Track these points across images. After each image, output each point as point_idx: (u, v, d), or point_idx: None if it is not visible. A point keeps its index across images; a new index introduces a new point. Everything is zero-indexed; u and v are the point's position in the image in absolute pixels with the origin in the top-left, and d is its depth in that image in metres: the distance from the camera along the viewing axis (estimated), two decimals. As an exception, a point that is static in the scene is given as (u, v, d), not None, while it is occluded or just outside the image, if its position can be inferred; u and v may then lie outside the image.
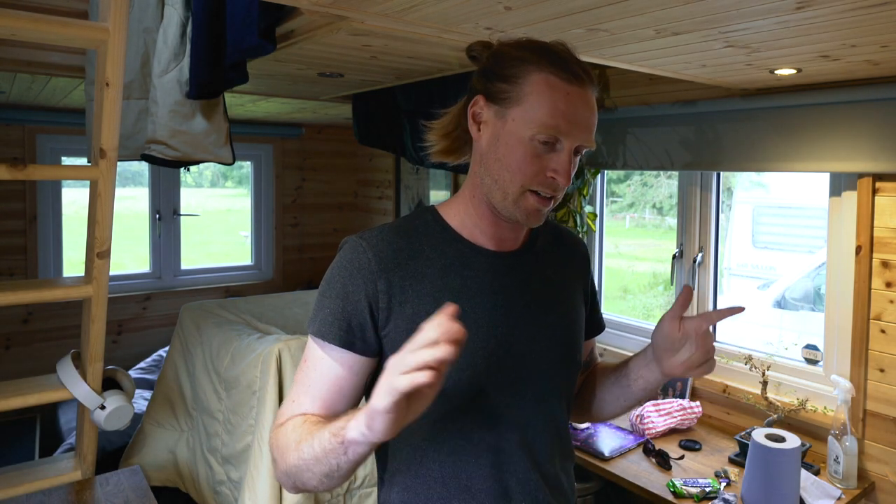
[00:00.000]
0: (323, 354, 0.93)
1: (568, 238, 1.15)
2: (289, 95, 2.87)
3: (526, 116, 0.90)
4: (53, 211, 3.51)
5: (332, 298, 0.93)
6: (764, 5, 1.10)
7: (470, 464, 0.94)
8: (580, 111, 0.90)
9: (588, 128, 0.92)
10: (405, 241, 0.97)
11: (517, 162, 0.91)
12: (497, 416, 0.95)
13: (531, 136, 0.89)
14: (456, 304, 0.71)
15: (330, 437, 0.80)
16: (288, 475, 0.88)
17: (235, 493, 2.28)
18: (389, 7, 1.22)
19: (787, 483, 1.71)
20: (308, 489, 0.89)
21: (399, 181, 4.18)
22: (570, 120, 0.89)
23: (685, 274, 2.55)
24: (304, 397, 0.93)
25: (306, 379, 0.94)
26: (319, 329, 0.93)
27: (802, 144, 2.03)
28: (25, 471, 1.81)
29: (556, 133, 0.89)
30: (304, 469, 0.85)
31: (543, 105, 0.89)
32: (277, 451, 0.91)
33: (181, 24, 1.94)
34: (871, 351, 1.96)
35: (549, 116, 0.88)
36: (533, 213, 0.93)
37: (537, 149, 0.90)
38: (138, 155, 2.14)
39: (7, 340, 3.39)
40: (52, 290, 1.66)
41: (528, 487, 0.96)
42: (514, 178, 0.91)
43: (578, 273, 1.12)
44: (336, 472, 0.82)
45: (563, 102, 0.89)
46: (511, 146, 0.91)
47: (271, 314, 2.95)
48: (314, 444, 0.82)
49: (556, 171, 0.91)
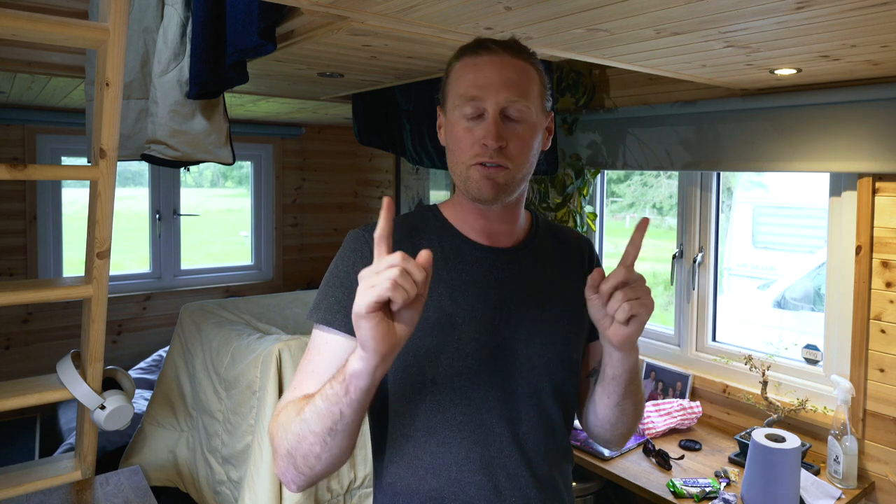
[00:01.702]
0: (328, 339, 0.94)
1: (569, 237, 1.14)
2: (289, 95, 2.87)
3: (451, 102, 0.98)
4: (53, 211, 3.51)
5: (337, 287, 0.95)
6: (764, 5, 1.10)
7: (460, 456, 0.94)
8: (490, 73, 0.94)
9: (505, 84, 0.94)
10: (406, 234, 1.00)
11: (455, 142, 0.97)
12: (488, 410, 0.96)
13: (458, 114, 0.96)
14: (450, 296, 0.72)
15: (331, 385, 0.82)
16: (290, 454, 0.86)
17: (235, 493, 2.28)
18: (389, 7, 1.22)
19: (787, 483, 1.71)
20: (310, 468, 0.87)
21: (399, 181, 4.18)
22: (479, 84, 0.94)
23: (685, 274, 2.55)
24: (307, 382, 0.92)
25: (310, 365, 0.94)
26: (324, 317, 0.94)
27: (802, 144, 2.03)
28: (25, 471, 1.81)
29: (470, 101, 0.94)
30: (306, 435, 0.84)
31: (459, 84, 0.96)
32: (278, 432, 0.89)
33: (181, 24, 1.94)
34: (871, 351, 1.96)
35: (464, 89, 0.95)
36: (482, 183, 0.95)
37: (466, 124, 0.95)
38: (138, 155, 2.14)
39: (7, 340, 3.39)
40: (52, 290, 1.66)
41: (518, 484, 0.96)
42: (458, 158, 0.97)
43: (580, 272, 1.10)
44: (339, 422, 0.82)
45: (472, 72, 0.95)
46: (450, 132, 0.99)
47: (271, 314, 2.95)
48: (317, 402, 0.83)
49: (484, 137, 0.93)
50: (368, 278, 0.75)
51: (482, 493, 0.94)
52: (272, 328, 2.66)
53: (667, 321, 2.71)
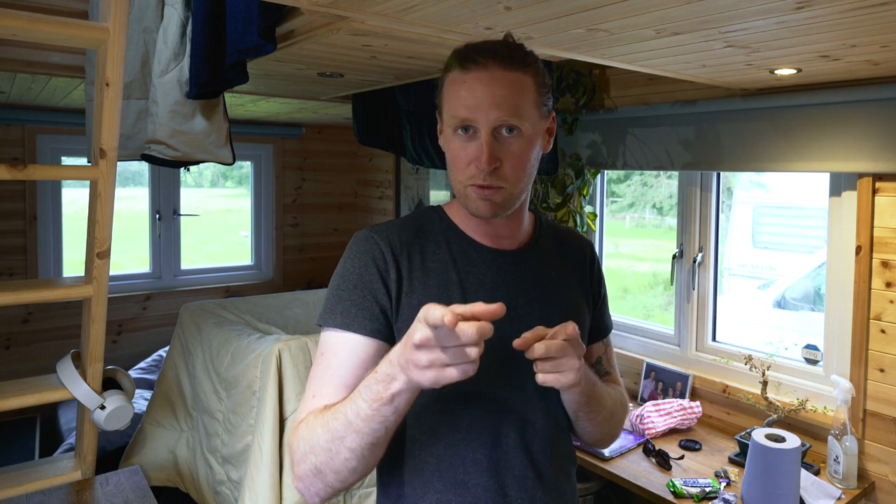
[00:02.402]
0: (345, 340, 0.92)
1: (571, 238, 1.15)
2: (289, 95, 2.87)
3: (446, 117, 0.96)
4: (53, 211, 3.51)
5: (351, 290, 0.94)
6: (764, 5, 1.10)
7: (467, 459, 0.94)
8: (480, 92, 0.91)
9: (495, 104, 0.90)
10: (413, 235, 1.00)
11: (451, 159, 0.97)
12: (495, 412, 0.96)
13: (451, 133, 0.95)
14: (461, 298, 0.71)
15: (371, 402, 0.78)
16: (318, 470, 0.83)
17: (235, 493, 2.28)
18: (389, 7, 1.22)
19: (787, 483, 1.71)
20: (342, 482, 0.84)
21: (399, 181, 4.18)
22: (469, 105, 0.91)
23: (685, 274, 2.55)
24: (325, 388, 0.90)
25: (326, 370, 0.91)
26: (342, 321, 0.92)
27: (802, 144, 2.03)
28: (25, 471, 1.81)
29: (462, 122, 0.92)
30: (340, 450, 0.81)
31: (450, 100, 0.94)
32: (300, 447, 0.85)
33: (181, 24, 1.94)
34: (871, 351, 1.96)
35: (454, 108, 0.93)
36: (479, 203, 0.94)
37: (459, 143, 0.94)
38: (138, 155, 2.14)
39: (7, 340, 3.39)
40: (52, 290, 1.66)
41: (525, 485, 0.96)
42: (455, 177, 0.97)
43: (581, 274, 1.12)
44: (384, 436, 0.80)
45: (463, 90, 0.92)
46: (447, 147, 0.98)
47: (271, 314, 2.95)
48: (351, 418, 0.79)
49: (476, 159, 0.92)
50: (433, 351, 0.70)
51: (489, 494, 0.94)
52: (272, 328, 2.66)
53: (667, 321, 2.71)
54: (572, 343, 0.85)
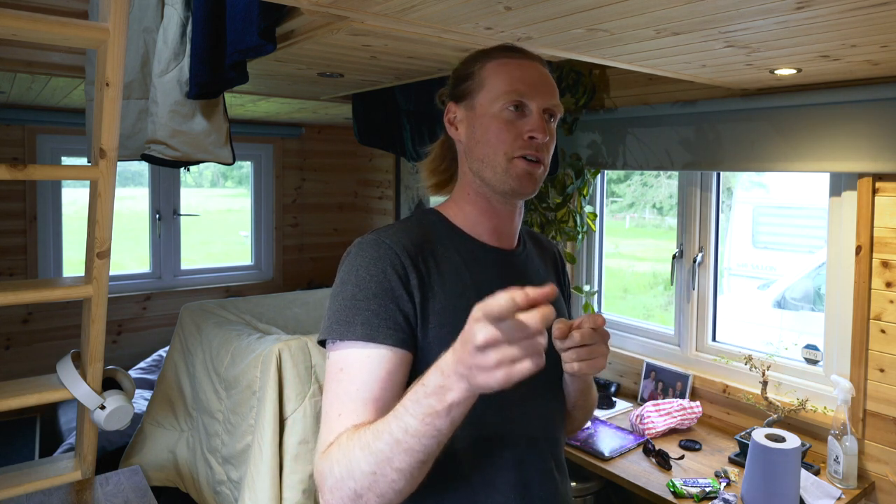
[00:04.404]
0: (368, 353, 0.86)
1: (541, 238, 1.22)
2: (289, 95, 2.87)
3: (491, 95, 0.99)
4: (53, 211, 3.51)
5: (370, 299, 0.87)
6: (764, 5, 1.10)
7: (494, 456, 0.94)
8: (536, 77, 0.99)
9: (549, 91, 1.00)
10: (422, 239, 0.97)
11: (495, 135, 0.98)
12: (519, 410, 0.97)
13: (500, 107, 0.97)
14: (478, 299, 0.70)
15: (422, 418, 0.72)
16: (358, 495, 0.77)
17: (235, 493, 2.28)
18: (389, 7, 1.22)
19: (787, 483, 1.71)
20: (387, 503, 0.78)
21: (399, 181, 4.18)
22: (528, 83, 0.98)
23: (685, 274, 2.55)
24: (351, 405, 0.83)
25: (350, 387, 0.84)
26: (365, 332, 0.86)
27: (802, 144, 2.03)
28: (25, 471, 1.81)
29: (519, 97, 0.97)
30: (386, 472, 0.75)
31: (502, 80, 0.98)
32: (333, 471, 0.79)
33: (181, 24, 1.94)
34: (871, 351, 1.96)
35: (510, 85, 0.97)
36: (524, 177, 0.97)
37: (509, 117, 0.97)
38: (138, 155, 2.14)
39: (7, 340, 3.39)
40: (52, 290, 1.66)
41: (547, 478, 0.98)
42: (497, 151, 0.98)
43: (556, 272, 1.19)
44: (436, 451, 0.75)
45: (518, 71, 0.99)
46: (486, 126, 0.99)
47: (271, 314, 2.95)
48: (398, 436, 0.73)
49: (532, 130, 0.97)
50: (500, 348, 0.66)
51: (516, 491, 0.94)
52: (272, 328, 2.66)
53: (667, 321, 2.71)
54: (600, 332, 0.93)
